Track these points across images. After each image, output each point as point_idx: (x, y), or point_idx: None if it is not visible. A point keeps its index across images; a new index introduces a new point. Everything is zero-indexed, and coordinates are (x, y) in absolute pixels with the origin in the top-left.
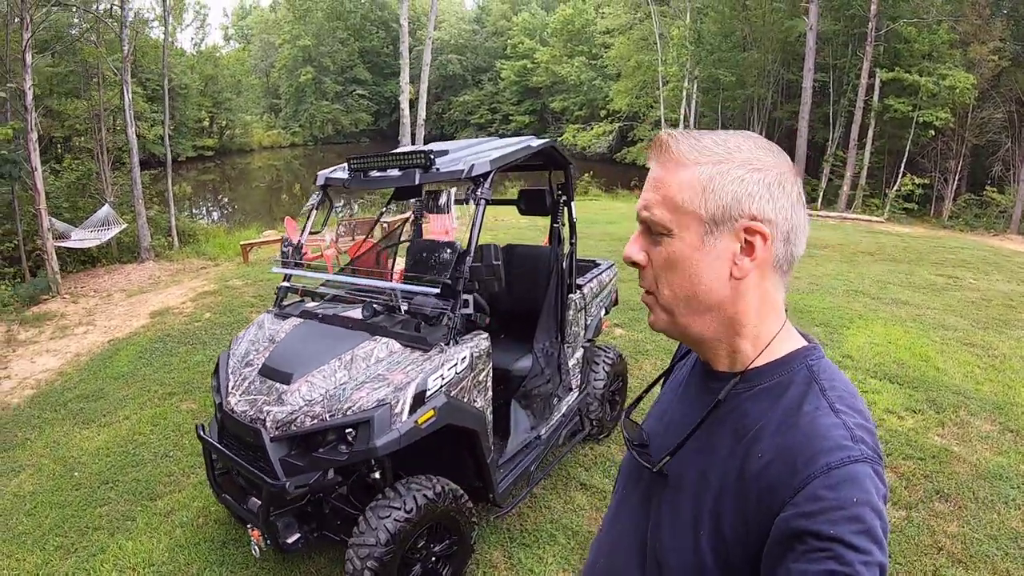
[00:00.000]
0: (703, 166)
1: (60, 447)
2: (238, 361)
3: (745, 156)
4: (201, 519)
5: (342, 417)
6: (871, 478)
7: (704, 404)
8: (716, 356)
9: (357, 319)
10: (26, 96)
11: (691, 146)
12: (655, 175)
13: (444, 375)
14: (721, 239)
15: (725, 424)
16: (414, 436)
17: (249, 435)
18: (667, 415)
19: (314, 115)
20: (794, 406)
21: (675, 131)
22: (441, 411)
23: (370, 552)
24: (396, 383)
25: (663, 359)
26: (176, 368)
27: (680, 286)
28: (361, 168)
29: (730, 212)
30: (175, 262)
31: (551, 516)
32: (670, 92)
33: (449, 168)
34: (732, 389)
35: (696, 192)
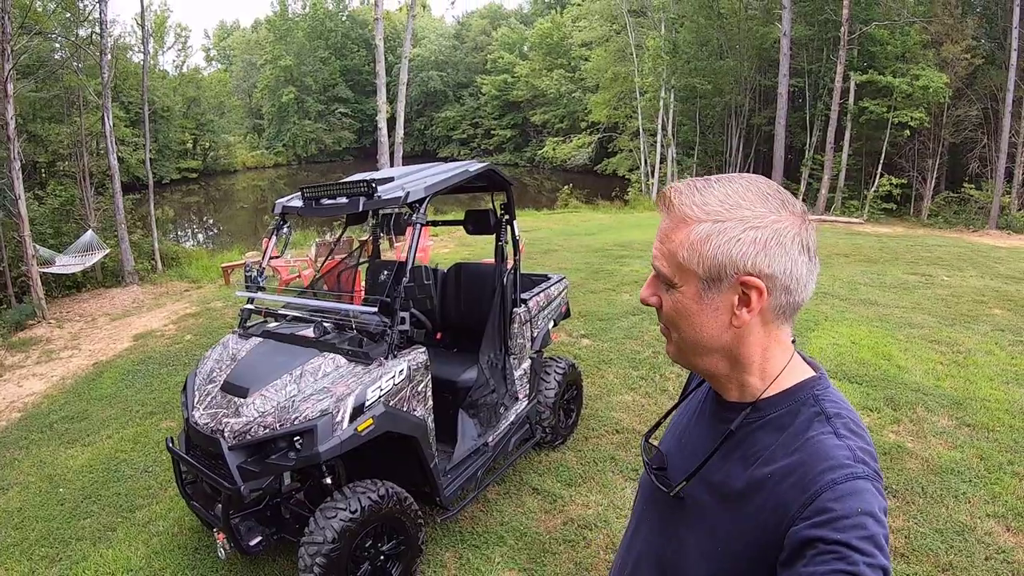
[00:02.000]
0: (703, 224)
1: (46, 465)
2: (203, 379)
3: (745, 213)
4: (176, 528)
5: (290, 426)
6: (872, 492)
7: (717, 432)
8: (726, 389)
9: (310, 337)
10: (8, 126)
11: (693, 202)
12: (662, 227)
13: (382, 386)
14: (719, 293)
15: (737, 451)
16: (355, 442)
17: (210, 445)
18: (684, 437)
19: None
20: (801, 432)
21: (681, 184)
22: (379, 419)
23: (318, 549)
24: (338, 394)
25: (625, 368)
26: (157, 389)
27: (685, 331)
28: (313, 196)
29: (725, 270)
30: (159, 285)
31: (501, 519)
32: (648, 102)
33: (389, 195)
34: (744, 419)
35: (694, 251)
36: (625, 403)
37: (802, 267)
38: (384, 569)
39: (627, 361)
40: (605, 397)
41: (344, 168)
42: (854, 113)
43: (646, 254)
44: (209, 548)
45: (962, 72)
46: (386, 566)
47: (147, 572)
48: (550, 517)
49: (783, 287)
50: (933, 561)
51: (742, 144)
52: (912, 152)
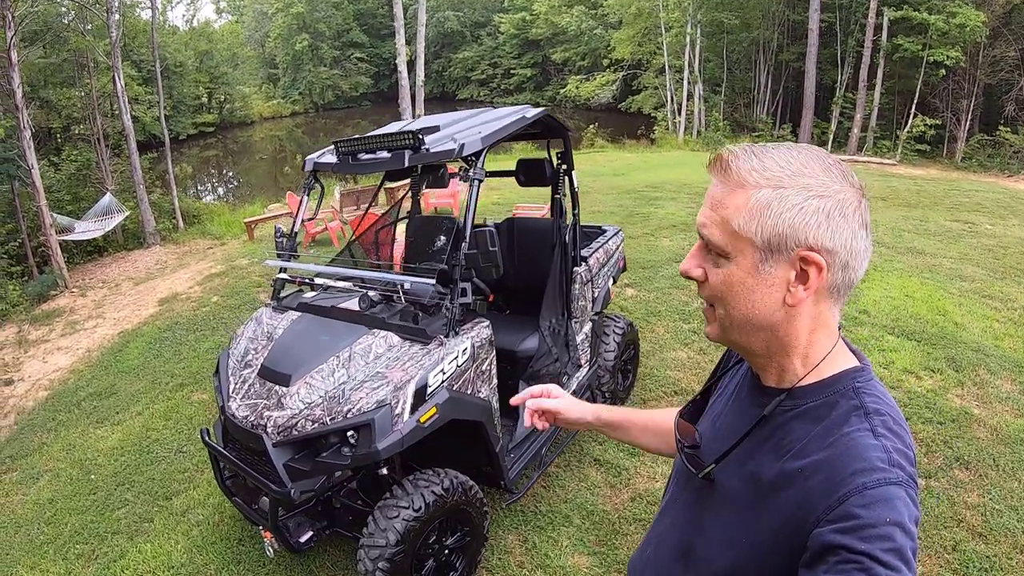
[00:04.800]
0: (762, 190)
1: (76, 449)
2: (237, 361)
3: (807, 181)
4: (217, 516)
5: (342, 420)
6: (904, 500)
7: (751, 416)
8: (766, 371)
9: (354, 311)
10: (15, 95)
11: (752, 166)
12: (714, 193)
13: (445, 369)
14: (776, 267)
15: (770, 439)
16: (417, 436)
17: (252, 441)
18: (719, 419)
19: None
20: (836, 426)
21: (737, 148)
22: (443, 407)
23: (381, 553)
24: (396, 381)
25: (675, 320)
26: (186, 358)
27: (734, 307)
28: (349, 151)
29: (786, 241)
30: (181, 244)
31: (565, 496)
32: (673, 38)
33: (439, 148)
34: (778, 406)
35: (752, 218)
36: (679, 360)
37: (861, 243)
38: (449, 563)
39: (676, 314)
40: (658, 354)
41: (363, 113)
42: (887, 50)
43: (680, 195)
44: (254, 539)
45: (999, 11)
46: (451, 559)
47: (190, 569)
48: (616, 492)
49: (842, 263)
50: (1011, 542)
51: (770, 81)
52: (946, 92)
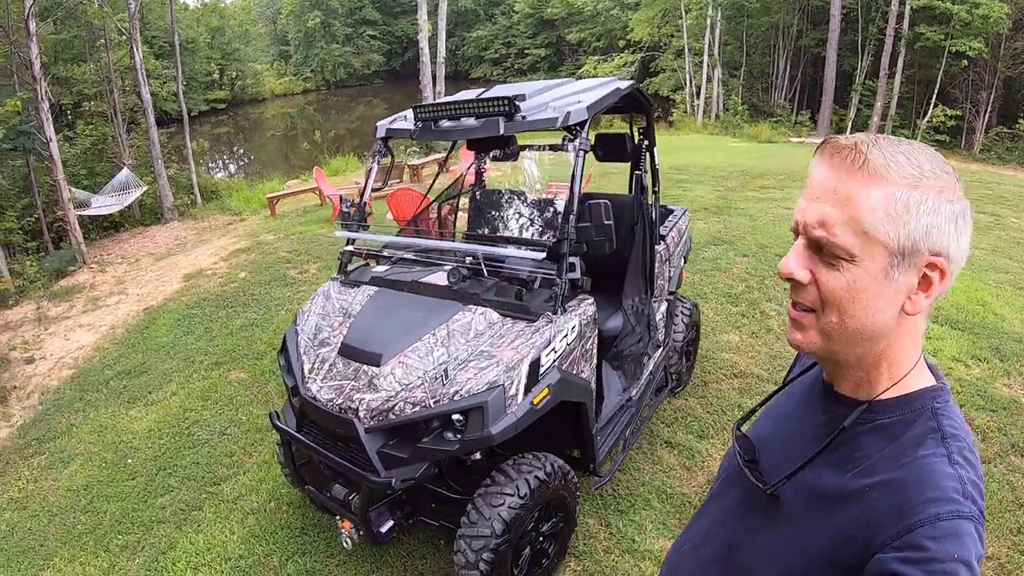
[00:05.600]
0: (899, 188)
1: (108, 431)
2: (309, 339)
3: (940, 183)
4: (273, 504)
5: (449, 403)
6: (972, 537)
7: (821, 425)
8: (844, 379)
9: (442, 286)
10: (33, 65)
11: (887, 160)
12: (836, 187)
13: (556, 348)
14: (904, 273)
15: (838, 452)
16: (530, 419)
17: (339, 426)
18: (783, 424)
19: (325, 59)
20: (911, 447)
21: (865, 136)
22: (555, 388)
23: (485, 544)
24: (506, 361)
25: (722, 303)
26: (218, 335)
27: (853, 316)
28: (431, 116)
29: (920, 246)
30: (200, 220)
31: (641, 479)
32: (693, 20)
33: (538, 116)
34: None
35: (889, 218)
36: (733, 343)
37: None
38: (542, 550)
39: (722, 296)
40: (711, 336)
41: (375, 91)
42: (908, 39)
43: (705, 178)
44: (317, 527)
45: (1022, 3)
46: (544, 546)
47: (249, 561)
48: (691, 475)
49: (952, 272)
50: None
51: (788, 66)
52: (966, 83)
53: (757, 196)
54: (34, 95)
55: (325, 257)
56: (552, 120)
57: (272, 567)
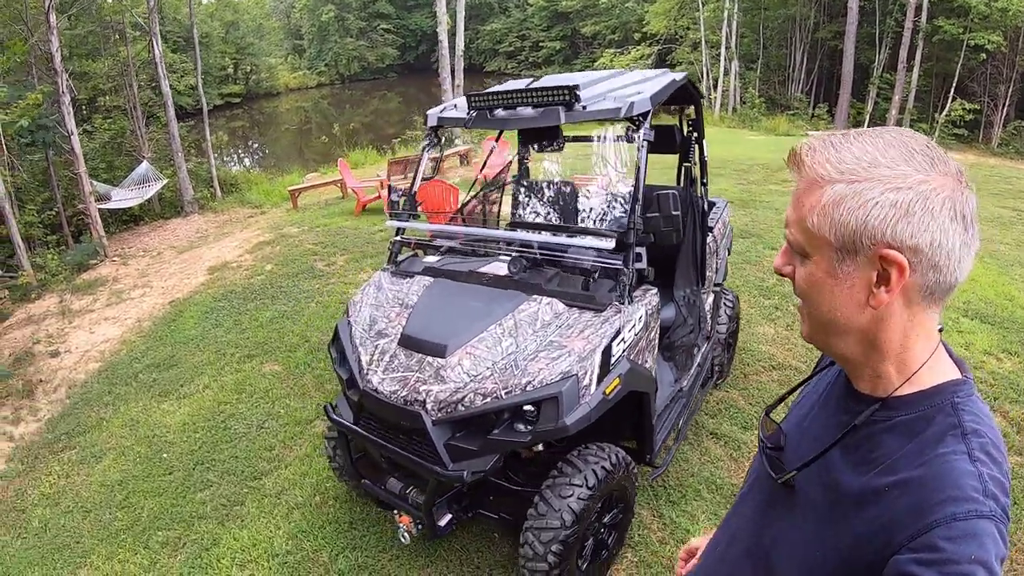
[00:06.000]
0: (836, 184)
1: (140, 425)
2: (364, 330)
3: (884, 172)
4: (318, 498)
5: (521, 393)
6: (992, 537)
7: (840, 424)
8: (859, 376)
9: (502, 276)
10: (54, 58)
11: (827, 159)
12: (794, 191)
13: (625, 338)
14: (855, 268)
15: (857, 450)
16: (602, 409)
17: (404, 419)
18: (805, 420)
19: (339, 53)
20: (930, 445)
21: (815, 140)
22: (625, 378)
23: (555, 535)
24: (578, 351)
25: (754, 296)
26: (248, 327)
27: (819, 309)
28: (486, 105)
29: (860, 239)
30: (220, 213)
31: (690, 470)
32: (711, 12)
33: (600, 106)
34: (870, 416)
35: (825, 216)
36: (768, 335)
37: (954, 239)
38: (602, 542)
39: (754, 289)
40: (747, 329)
41: (389, 85)
42: (926, 32)
43: (726, 170)
44: (366, 521)
45: None
46: (604, 538)
47: (297, 557)
48: (739, 466)
49: (930, 263)
50: None
51: (805, 59)
52: (984, 77)
53: (780, 190)
54: (55, 88)
55: (351, 250)
56: (615, 110)
57: (322, 563)
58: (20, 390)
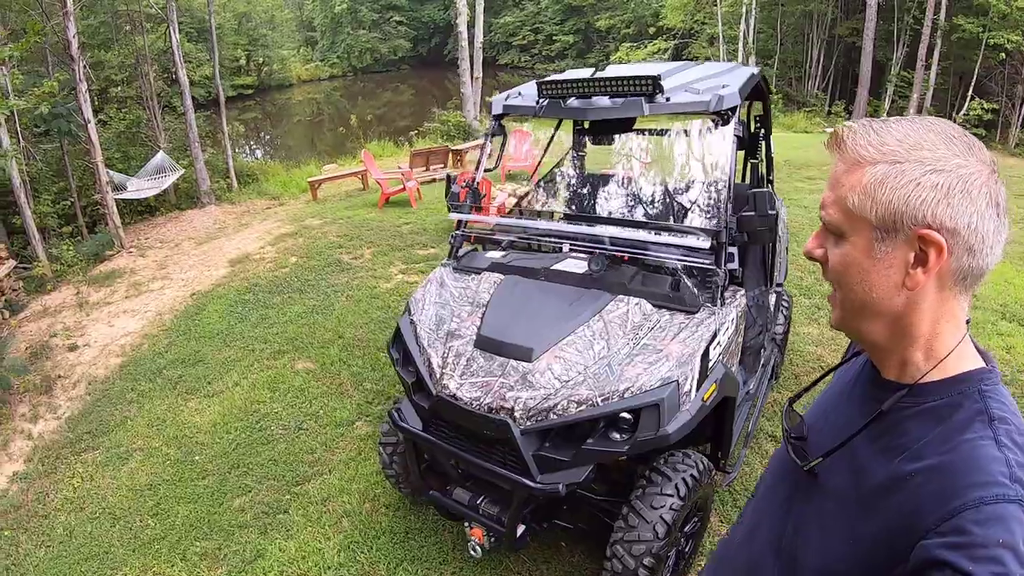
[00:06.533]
0: (878, 165)
1: (167, 425)
2: (430, 330)
3: (926, 155)
4: (368, 505)
5: (619, 400)
6: (1020, 522)
7: (866, 412)
8: (886, 363)
9: (581, 274)
10: (71, 45)
11: (868, 142)
12: (832, 172)
13: (721, 342)
14: (893, 248)
15: (883, 438)
16: (700, 416)
17: (488, 428)
18: (830, 411)
19: (351, 45)
20: (957, 431)
21: (854, 123)
22: (720, 384)
23: (647, 548)
24: (676, 355)
25: (795, 295)
26: (276, 322)
27: (852, 290)
28: (559, 93)
29: (901, 219)
30: (237, 204)
31: (752, 473)
32: (729, 8)
33: (684, 98)
34: (897, 402)
35: (867, 196)
36: (814, 336)
37: (989, 224)
38: (681, 552)
39: (794, 289)
40: (792, 329)
41: (402, 78)
42: (944, 30)
43: None
44: (424, 531)
45: None
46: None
47: (352, 569)
48: None
49: (966, 246)
50: None
51: (822, 56)
52: (1002, 77)
53: (807, 187)
54: (72, 76)
55: (378, 242)
56: (702, 104)
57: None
58: (38, 385)
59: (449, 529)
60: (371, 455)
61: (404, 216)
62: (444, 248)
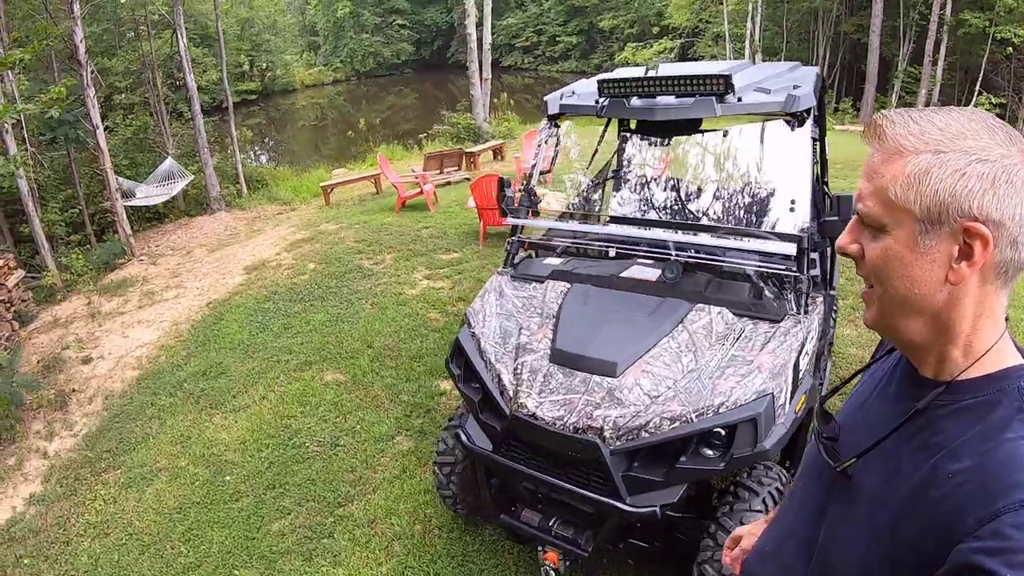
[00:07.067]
0: (920, 155)
1: (193, 442)
2: (496, 343)
3: (970, 144)
4: (419, 527)
5: (714, 416)
6: None
7: (901, 410)
8: (923, 361)
9: (652, 282)
10: (78, 50)
11: (908, 131)
12: (869, 163)
13: (808, 351)
14: (937, 240)
15: (919, 436)
16: (793, 429)
17: (574, 449)
18: (863, 411)
19: (354, 49)
20: (996, 430)
21: (892, 113)
22: (810, 394)
23: None
24: (768, 367)
25: None
26: (299, 331)
27: (893, 286)
28: (621, 92)
29: (947, 210)
30: (248, 210)
31: None
32: (735, 5)
33: (756, 99)
34: (933, 400)
35: (910, 186)
36: (852, 338)
37: None
38: None
39: None
40: None
41: (405, 81)
42: (951, 25)
43: None
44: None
45: None
46: None
47: None
48: None
49: (1010, 239)
50: None
51: (828, 52)
52: (1008, 71)
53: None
54: (80, 80)
55: (398, 247)
56: (776, 104)
57: None
58: (52, 401)
59: (509, 551)
60: (416, 472)
61: (422, 220)
62: (467, 252)
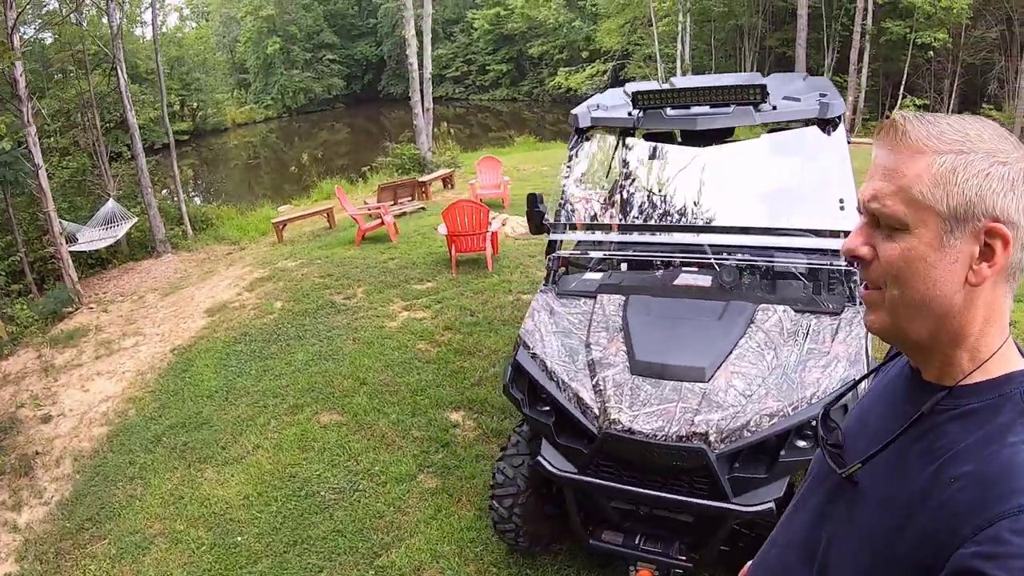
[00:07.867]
0: (944, 155)
1: (187, 501)
2: (565, 362)
3: (988, 146)
4: (472, 567)
5: (808, 407)
6: None
7: (904, 415)
8: (927, 364)
9: (708, 287)
10: (18, 84)
11: (929, 132)
12: (886, 163)
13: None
14: (961, 239)
15: (921, 441)
16: None
17: (678, 459)
18: (868, 416)
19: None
20: (998, 434)
21: (909, 113)
22: None
23: None
24: (844, 356)
25: None
26: (281, 373)
27: (912, 286)
28: (658, 104)
29: (973, 210)
30: (196, 251)
31: None
32: (665, 27)
33: (791, 107)
34: (937, 404)
35: (936, 184)
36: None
37: None
38: None
39: None
40: None
41: (336, 116)
42: (872, 34)
43: None
44: None
45: None
46: None
47: None
48: None
49: (1022, 241)
50: None
51: (755, 66)
52: (929, 73)
53: None
54: (20, 118)
55: (368, 280)
56: (811, 111)
57: None
58: (16, 466)
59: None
60: (453, 510)
61: (386, 251)
62: (441, 281)
